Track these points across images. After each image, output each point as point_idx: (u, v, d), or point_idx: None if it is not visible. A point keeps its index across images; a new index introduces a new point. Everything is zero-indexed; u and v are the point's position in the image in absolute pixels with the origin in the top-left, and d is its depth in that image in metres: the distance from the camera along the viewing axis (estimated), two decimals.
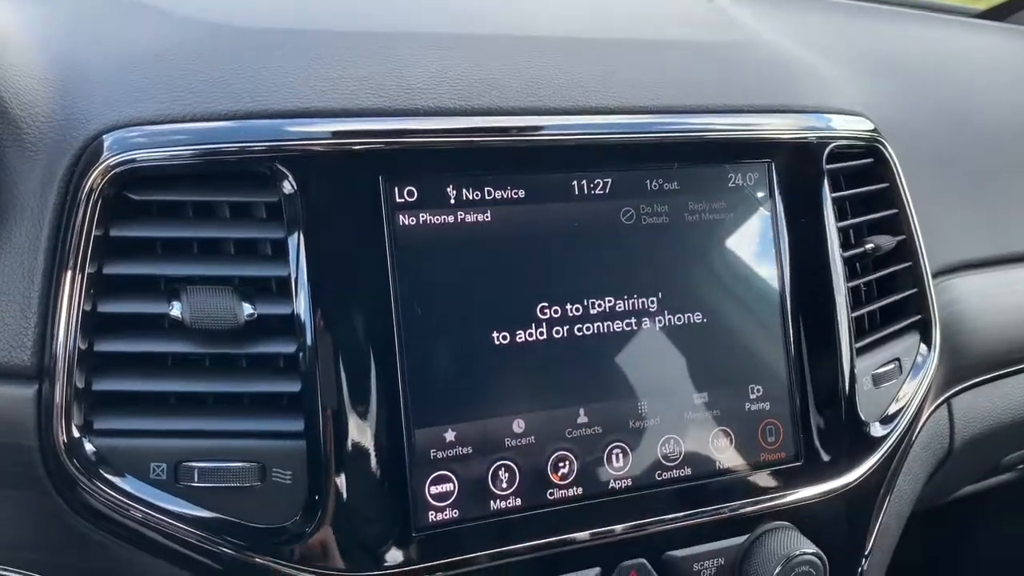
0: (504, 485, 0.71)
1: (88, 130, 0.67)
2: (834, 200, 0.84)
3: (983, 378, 1.02)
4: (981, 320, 1.00)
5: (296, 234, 0.67)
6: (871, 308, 0.88)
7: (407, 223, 0.69)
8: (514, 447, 0.71)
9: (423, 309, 0.69)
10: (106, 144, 0.66)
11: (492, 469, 0.70)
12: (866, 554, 0.87)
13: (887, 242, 0.89)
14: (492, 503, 0.70)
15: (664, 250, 0.76)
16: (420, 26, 0.78)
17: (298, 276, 0.67)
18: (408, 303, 0.69)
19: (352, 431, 0.67)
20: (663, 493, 0.75)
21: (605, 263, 0.75)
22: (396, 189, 0.69)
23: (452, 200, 0.70)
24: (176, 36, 0.73)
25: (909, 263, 0.91)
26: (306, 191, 0.67)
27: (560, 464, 0.72)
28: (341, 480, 0.67)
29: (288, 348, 0.67)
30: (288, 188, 0.67)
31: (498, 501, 0.71)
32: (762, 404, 0.79)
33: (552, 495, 0.72)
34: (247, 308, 0.66)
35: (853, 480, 0.83)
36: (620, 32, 0.86)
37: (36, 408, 0.65)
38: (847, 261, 0.85)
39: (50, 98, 0.68)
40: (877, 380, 0.87)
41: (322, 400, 0.66)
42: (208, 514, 0.66)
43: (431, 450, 0.69)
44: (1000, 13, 1.38)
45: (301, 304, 0.67)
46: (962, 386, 1.00)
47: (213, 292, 0.66)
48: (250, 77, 0.69)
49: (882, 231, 0.90)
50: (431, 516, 0.69)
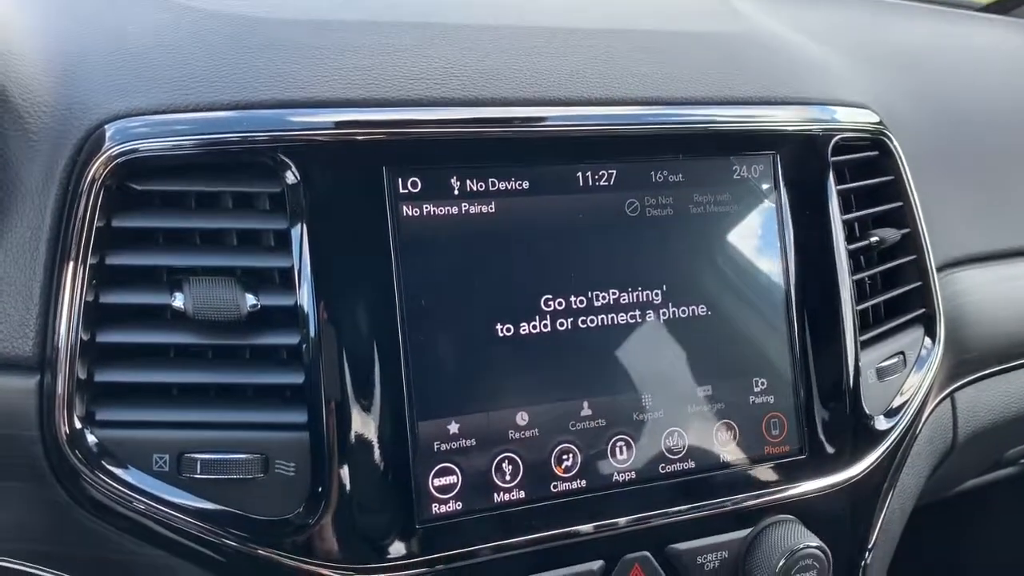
0: (508, 477, 0.71)
1: (90, 119, 0.66)
2: (839, 192, 0.84)
3: (987, 372, 1.02)
4: (986, 314, 0.99)
5: (299, 225, 0.66)
6: (875, 301, 0.88)
7: (411, 214, 0.69)
8: (518, 439, 0.71)
9: (426, 301, 0.69)
10: (108, 134, 0.65)
11: (496, 461, 0.70)
12: (869, 547, 0.87)
13: (892, 235, 0.89)
14: (496, 495, 0.70)
15: (668, 242, 0.76)
16: (425, 16, 0.78)
17: (301, 267, 0.66)
18: (411, 294, 0.68)
19: (355, 423, 0.67)
20: (667, 486, 0.75)
21: (609, 255, 0.74)
22: (400, 180, 0.68)
23: (456, 191, 0.70)
24: (178, 25, 0.72)
25: (914, 256, 0.91)
26: (309, 181, 0.67)
27: (564, 457, 0.72)
28: (344, 472, 0.66)
29: (291, 339, 0.67)
30: (291, 178, 0.67)
31: (501, 493, 0.70)
32: (766, 397, 0.79)
33: (555, 488, 0.72)
34: (250, 299, 0.66)
35: (857, 474, 0.83)
36: (625, 23, 0.86)
37: (38, 399, 0.65)
38: (852, 254, 0.85)
39: (52, 87, 0.68)
40: (881, 373, 0.87)
41: (325, 392, 0.66)
42: (211, 506, 0.66)
43: (435, 442, 0.69)
44: (1004, 7, 1.38)
45: (304, 295, 0.66)
46: (966, 380, 1.00)
47: (216, 283, 0.66)
48: (253, 66, 0.69)
49: (887, 224, 0.90)
50: (434, 508, 0.69)
